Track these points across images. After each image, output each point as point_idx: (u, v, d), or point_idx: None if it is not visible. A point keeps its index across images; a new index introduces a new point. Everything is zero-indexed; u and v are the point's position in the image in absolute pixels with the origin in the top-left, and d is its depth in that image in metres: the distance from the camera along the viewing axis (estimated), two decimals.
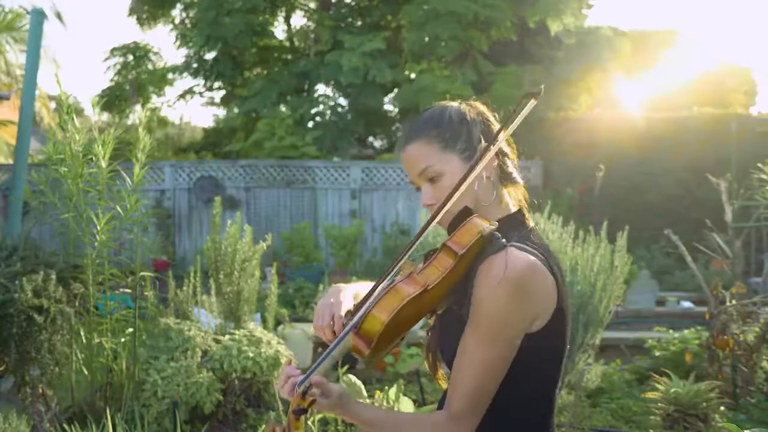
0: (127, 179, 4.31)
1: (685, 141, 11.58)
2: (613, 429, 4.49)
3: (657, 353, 5.47)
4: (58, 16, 11.65)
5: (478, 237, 1.42)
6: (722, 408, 3.80)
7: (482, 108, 1.60)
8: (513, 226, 1.53)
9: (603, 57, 13.07)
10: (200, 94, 16.68)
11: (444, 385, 1.61)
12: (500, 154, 1.54)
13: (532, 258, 1.42)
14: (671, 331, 5.93)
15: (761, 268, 9.89)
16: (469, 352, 1.41)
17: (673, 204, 11.43)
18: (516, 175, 1.58)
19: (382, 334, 1.38)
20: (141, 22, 16.35)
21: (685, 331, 5.66)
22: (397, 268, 1.48)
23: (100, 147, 4.03)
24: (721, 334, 4.10)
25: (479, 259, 1.43)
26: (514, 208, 1.58)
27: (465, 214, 1.48)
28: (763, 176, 5.02)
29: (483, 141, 1.52)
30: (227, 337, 4.65)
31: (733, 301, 4.40)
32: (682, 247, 4.96)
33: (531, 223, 1.57)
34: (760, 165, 5.05)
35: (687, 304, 8.68)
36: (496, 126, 1.56)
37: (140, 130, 4.18)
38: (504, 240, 1.44)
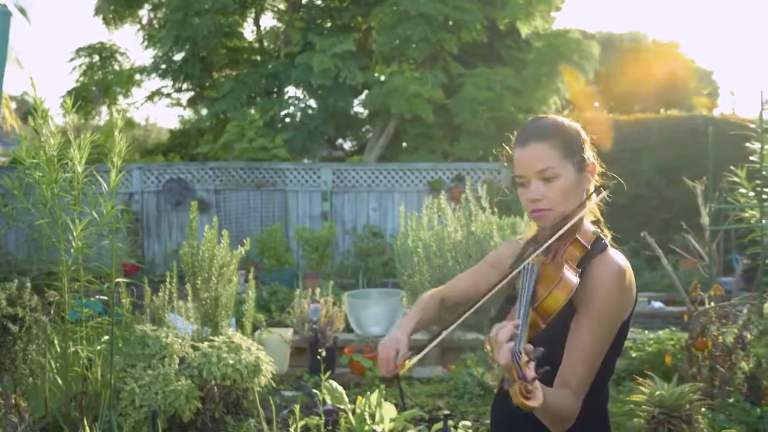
0: (103, 183, 4.22)
1: (652, 142, 11.76)
2: None
3: (633, 354, 5.52)
4: (22, 11, 11.32)
5: (594, 237, 1.67)
6: (703, 409, 3.85)
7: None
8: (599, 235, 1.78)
9: (572, 59, 13.20)
10: (168, 95, 16.43)
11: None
12: (598, 174, 1.86)
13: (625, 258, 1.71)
14: (646, 332, 6.00)
15: (728, 267, 10.07)
16: (585, 336, 1.62)
17: (642, 205, 11.56)
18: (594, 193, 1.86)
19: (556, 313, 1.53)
20: (107, 22, 16.00)
21: (660, 332, 5.72)
22: (528, 261, 1.64)
23: (75, 151, 3.93)
24: (700, 335, 4.15)
25: (585, 258, 1.66)
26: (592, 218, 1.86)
27: (565, 215, 1.70)
28: (736, 179, 5.09)
29: (590, 158, 1.82)
30: (206, 344, 4.58)
31: (711, 303, 4.45)
32: (659, 250, 5.01)
33: (608, 233, 1.83)
34: (732, 167, 5.12)
35: (658, 304, 8.80)
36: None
37: (116, 134, 4.09)
38: (605, 242, 1.71)
